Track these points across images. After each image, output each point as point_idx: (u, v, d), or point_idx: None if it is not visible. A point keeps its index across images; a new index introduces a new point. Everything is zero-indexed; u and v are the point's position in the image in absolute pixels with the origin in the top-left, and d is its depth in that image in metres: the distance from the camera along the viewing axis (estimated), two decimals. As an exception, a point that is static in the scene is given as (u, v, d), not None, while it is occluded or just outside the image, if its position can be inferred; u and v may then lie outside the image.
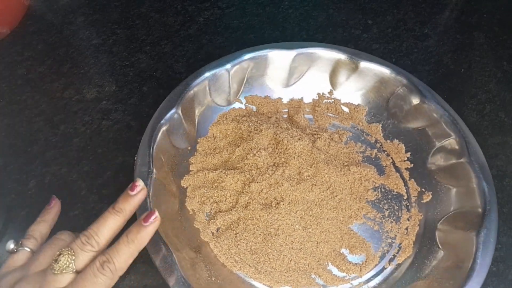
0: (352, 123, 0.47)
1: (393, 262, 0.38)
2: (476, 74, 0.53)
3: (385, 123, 0.46)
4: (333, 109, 0.47)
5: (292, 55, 0.45)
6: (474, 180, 0.38)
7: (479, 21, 0.58)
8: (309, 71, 0.46)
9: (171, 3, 0.58)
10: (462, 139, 0.40)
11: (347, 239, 0.39)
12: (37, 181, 0.42)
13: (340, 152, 0.44)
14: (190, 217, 0.39)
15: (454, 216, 0.38)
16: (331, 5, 0.59)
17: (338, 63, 0.45)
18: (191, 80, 0.42)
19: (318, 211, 0.39)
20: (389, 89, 0.45)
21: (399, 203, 0.42)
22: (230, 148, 0.42)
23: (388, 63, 0.45)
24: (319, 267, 0.37)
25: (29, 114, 0.46)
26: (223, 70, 0.43)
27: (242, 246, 0.37)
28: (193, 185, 0.40)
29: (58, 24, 0.55)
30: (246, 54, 0.44)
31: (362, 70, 0.45)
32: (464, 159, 0.39)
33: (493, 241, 0.34)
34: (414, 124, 0.44)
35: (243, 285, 0.36)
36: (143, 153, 0.36)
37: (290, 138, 0.40)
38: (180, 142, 0.41)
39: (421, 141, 0.44)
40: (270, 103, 0.47)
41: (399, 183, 0.43)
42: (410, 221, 0.41)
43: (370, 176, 0.42)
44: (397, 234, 0.40)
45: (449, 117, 0.41)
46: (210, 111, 0.44)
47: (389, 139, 0.46)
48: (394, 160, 0.44)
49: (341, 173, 0.41)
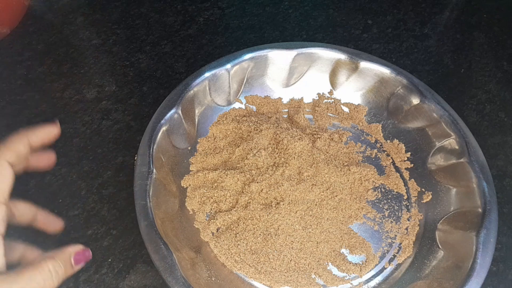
0: (352, 123, 0.47)
1: (393, 262, 0.38)
2: (476, 74, 0.53)
3: (385, 123, 0.46)
4: (333, 109, 0.47)
5: (292, 55, 0.45)
6: (474, 180, 0.38)
7: (479, 21, 0.58)
8: (309, 71, 0.46)
9: (171, 3, 0.58)
10: (462, 139, 0.40)
11: (347, 239, 0.39)
12: (37, 181, 0.42)
13: (340, 152, 0.44)
14: (190, 217, 0.39)
15: (454, 216, 0.38)
16: (331, 5, 0.59)
17: (338, 63, 0.45)
18: (191, 80, 0.42)
19: (318, 211, 0.39)
20: (389, 89, 0.45)
21: (399, 203, 0.42)
22: (230, 148, 0.42)
23: (388, 63, 0.45)
24: (319, 267, 0.37)
25: (29, 114, 0.46)
26: (223, 70, 0.43)
27: (242, 246, 0.37)
28: (193, 185, 0.40)
29: (58, 24, 0.55)
30: (246, 54, 0.44)
31: (362, 70, 0.45)
32: (464, 159, 0.39)
33: (493, 241, 0.34)
34: (414, 124, 0.44)
35: (243, 285, 0.36)
36: (143, 153, 0.36)
37: (290, 138, 0.40)
38: (180, 142, 0.41)
39: (421, 141, 0.44)
40: (270, 103, 0.47)
41: (399, 183, 0.43)
42: (410, 221, 0.41)
43: (370, 176, 0.42)
44: (397, 234, 0.40)
45: (449, 117, 0.41)
46: (210, 111, 0.44)
47: (389, 139, 0.46)
48: (394, 160, 0.44)
49: (341, 173, 0.41)
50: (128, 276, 0.37)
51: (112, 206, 0.40)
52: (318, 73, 0.47)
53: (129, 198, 0.35)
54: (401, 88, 0.44)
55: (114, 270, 0.37)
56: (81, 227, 0.39)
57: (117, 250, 0.38)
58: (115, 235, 0.39)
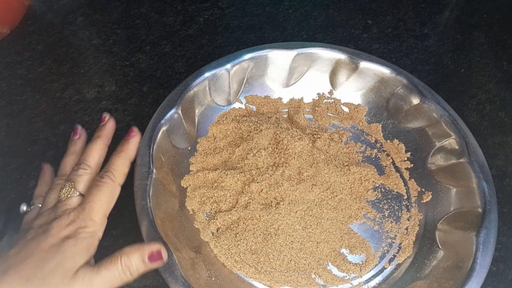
0: (352, 123, 0.47)
1: (393, 262, 0.38)
2: (476, 74, 0.53)
3: (385, 123, 0.46)
4: (333, 109, 0.47)
5: (292, 55, 0.45)
6: (474, 180, 0.38)
7: (479, 21, 0.58)
8: (309, 71, 0.46)
9: (171, 3, 0.58)
10: (462, 139, 0.40)
11: (347, 239, 0.39)
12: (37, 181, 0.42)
13: (340, 152, 0.44)
14: (190, 217, 0.39)
15: (454, 216, 0.38)
16: (331, 5, 0.59)
17: (338, 63, 0.45)
18: (191, 80, 0.42)
19: (318, 211, 0.39)
20: (389, 89, 0.45)
21: (399, 203, 0.42)
22: (230, 148, 0.42)
23: (388, 63, 0.45)
24: (319, 267, 0.37)
25: (29, 114, 0.46)
26: (223, 70, 0.43)
27: (242, 246, 0.37)
28: (193, 185, 0.40)
29: (58, 24, 0.55)
30: (246, 54, 0.44)
31: (362, 70, 0.45)
32: (464, 159, 0.39)
33: (493, 241, 0.34)
34: (414, 124, 0.44)
35: (243, 285, 0.36)
36: (143, 153, 0.36)
37: (290, 138, 0.40)
38: (180, 142, 0.41)
39: (421, 141, 0.44)
40: (270, 103, 0.47)
41: (399, 183, 0.43)
42: (410, 221, 0.41)
43: (370, 176, 0.42)
44: (397, 234, 0.40)
45: (449, 117, 0.41)
46: (210, 111, 0.44)
47: (389, 139, 0.46)
48: (394, 160, 0.44)
49: (341, 173, 0.41)
50: (128, 276, 0.37)
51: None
52: (318, 73, 0.47)
53: (129, 198, 0.35)
54: (401, 88, 0.44)
55: (114, 270, 0.37)
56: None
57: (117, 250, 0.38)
58: (115, 235, 0.39)
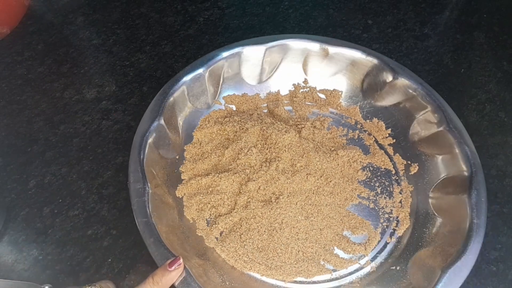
0: (331, 109, 0.48)
1: (394, 236, 0.40)
2: (476, 74, 0.53)
3: (362, 104, 0.47)
4: (310, 97, 0.48)
5: (263, 50, 0.45)
6: (456, 146, 0.39)
7: (479, 21, 0.58)
8: (282, 63, 0.47)
9: (171, 3, 0.58)
10: (439, 109, 0.41)
11: (347, 221, 0.40)
12: (37, 181, 0.41)
13: (325, 138, 0.45)
14: (191, 226, 0.38)
15: (443, 183, 0.40)
16: (331, 5, 0.59)
17: (309, 52, 0.46)
18: (169, 87, 0.41)
19: (316, 199, 0.39)
20: (361, 70, 0.46)
21: (389, 179, 0.43)
22: (218, 151, 0.42)
23: (357, 46, 0.46)
24: (326, 252, 0.38)
25: (29, 114, 0.46)
26: (199, 73, 0.43)
27: (249, 245, 0.37)
28: (188, 194, 0.40)
29: (58, 24, 0.55)
30: (218, 54, 0.44)
31: (333, 56, 0.46)
32: (443, 127, 0.41)
33: (484, 200, 0.36)
34: (390, 101, 0.45)
35: (256, 284, 0.36)
36: (134, 169, 0.36)
37: (277, 132, 0.41)
38: (167, 152, 0.40)
39: (399, 116, 0.45)
40: (249, 100, 0.47)
41: (385, 160, 0.44)
42: (403, 194, 0.42)
43: (357, 157, 0.43)
44: (392, 209, 0.41)
45: (423, 90, 0.42)
46: (192, 116, 0.44)
47: (369, 119, 0.47)
48: (377, 138, 0.46)
49: (330, 158, 0.42)
50: (128, 276, 0.36)
51: (112, 206, 0.40)
52: (291, 64, 0.47)
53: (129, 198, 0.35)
54: (373, 68, 0.45)
55: (114, 270, 0.37)
56: (81, 227, 0.39)
57: (117, 250, 0.38)
58: (115, 235, 0.39)
